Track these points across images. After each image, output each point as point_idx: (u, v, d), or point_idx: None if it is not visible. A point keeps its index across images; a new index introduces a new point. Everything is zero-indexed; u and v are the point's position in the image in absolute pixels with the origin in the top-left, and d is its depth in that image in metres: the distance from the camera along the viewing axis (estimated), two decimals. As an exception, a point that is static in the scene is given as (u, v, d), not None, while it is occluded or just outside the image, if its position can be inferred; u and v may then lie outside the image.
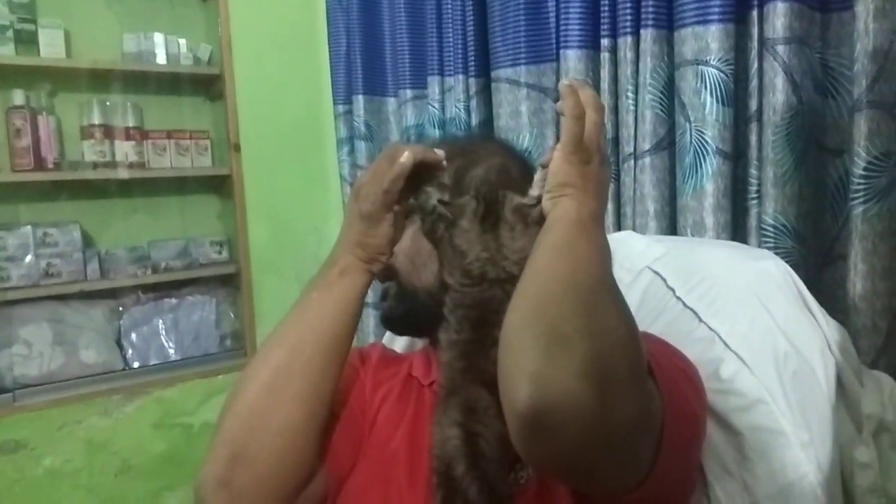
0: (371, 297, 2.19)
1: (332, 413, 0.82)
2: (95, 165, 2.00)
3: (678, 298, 0.98)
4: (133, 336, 2.10)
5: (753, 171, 1.15)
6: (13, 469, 1.85)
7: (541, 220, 0.72)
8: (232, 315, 2.28)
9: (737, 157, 1.18)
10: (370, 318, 2.21)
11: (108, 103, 2.05)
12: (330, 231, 2.36)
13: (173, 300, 2.18)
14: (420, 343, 1.18)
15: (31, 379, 1.92)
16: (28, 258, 1.91)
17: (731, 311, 0.93)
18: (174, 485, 2.08)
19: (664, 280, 1.01)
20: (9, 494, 1.84)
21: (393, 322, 0.94)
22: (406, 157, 0.75)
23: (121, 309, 2.11)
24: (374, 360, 0.94)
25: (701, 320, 0.94)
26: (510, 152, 0.94)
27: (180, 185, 2.24)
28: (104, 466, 1.98)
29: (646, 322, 1.00)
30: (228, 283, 2.27)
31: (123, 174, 2.04)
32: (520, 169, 0.90)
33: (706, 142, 1.15)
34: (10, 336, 1.91)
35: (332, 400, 0.79)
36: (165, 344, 2.14)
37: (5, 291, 1.89)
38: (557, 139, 0.79)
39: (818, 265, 1.13)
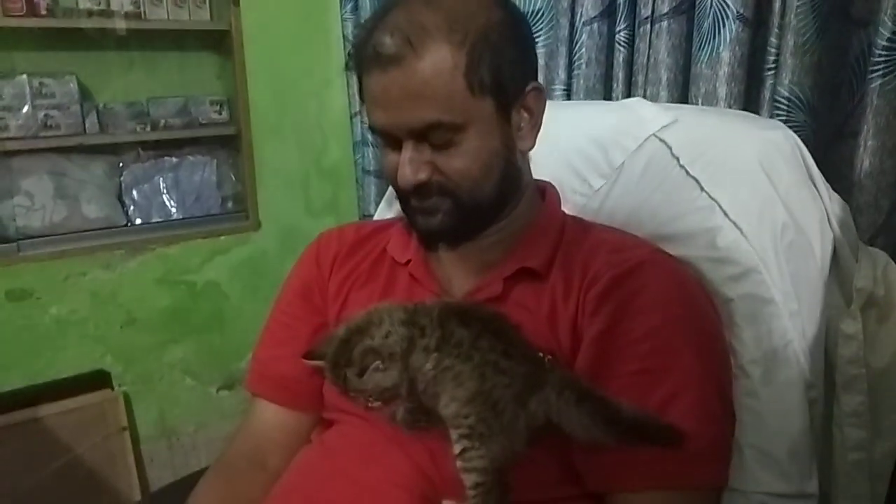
0: (373, 164, 2.17)
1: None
2: (90, 13, 1.92)
3: (682, 167, 0.96)
4: (134, 193, 2.10)
5: (773, 40, 1.10)
6: (21, 316, 1.90)
7: None
8: (233, 177, 2.27)
9: (757, 24, 1.13)
10: (371, 187, 2.20)
11: (100, -53, 1.94)
12: (332, 96, 2.30)
13: (173, 159, 2.16)
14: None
15: (35, 230, 1.93)
16: (25, 109, 1.88)
17: (734, 180, 0.92)
18: (178, 338, 2.14)
19: (669, 148, 0.99)
20: (18, 340, 1.91)
21: (444, 237, 0.87)
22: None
23: (121, 165, 2.09)
24: (335, 255, 0.98)
25: (703, 189, 0.93)
26: None
27: (179, 41, 2.16)
28: (110, 318, 2.03)
29: (647, 191, 0.99)
30: (229, 144, 2.24)
31: (119, 24, 1.96)
32: None
33: (727, 5, 1.10)
34: (11, 187, 1.91)
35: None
36: (167, 202, 2.14)
37: (4, 142, 1.87)
38: None
39: (828, 141, 1.11)
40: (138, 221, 2.10)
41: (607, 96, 1.39)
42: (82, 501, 1.91)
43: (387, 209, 1.32)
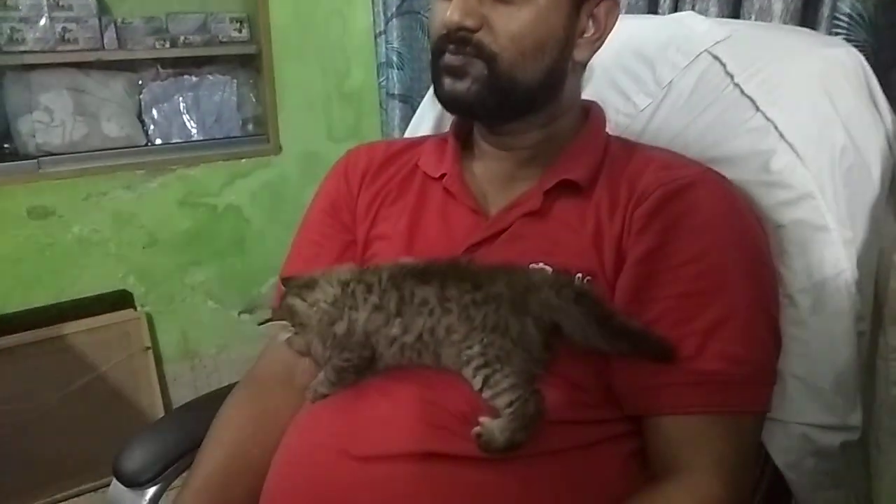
0: (397, 87, 2.11)
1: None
2: (107, -79, 1.85)
3: (736, 85, 0.91)
4: (154, 112, 2.06)
5: (836, -48, 1.03)
6: (44, 234, 1.90)
7: None
8: (253, 99, 2.21)
9: (819, -66, 1.05)
10: (396, 112, 2.15)
11: None
12: (355, 15, 2.22)
13: (193, 78, 2.11)
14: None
15: (55, 147, 1.91)
16: (42, 21, 1.82)
17: (792, 99, 0.87)
18: (200, 261, 2.13)
19: (723, 65, 0.93)
20: (41, 258, 1.90)
21: (467, 107, 0.82)
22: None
23: (140, 83, 2.05)
24: (365, 171, 0.94)
25: (758, 109, 0.88)
26: None
27: (198, -46, 2.08)
28: (131, 238, 2.02)
29: (696, 110, 0.94)
30: (249, 64, 2.18)
31: (137, -67, 1.89)
32: None
33: (789, -90, 1.01)
34: (30, 101, 1.87)
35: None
36: (187, 123, 2.10)
37: (22, 54, 1.82)
38: None
39: (890, 63, 1.04)
40: (158, 142, 2.07)
41: (653, 11, 1.32)
42: (107, 418, 1.93)
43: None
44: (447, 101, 0.82)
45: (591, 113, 0.89)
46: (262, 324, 0.76)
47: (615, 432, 0.75)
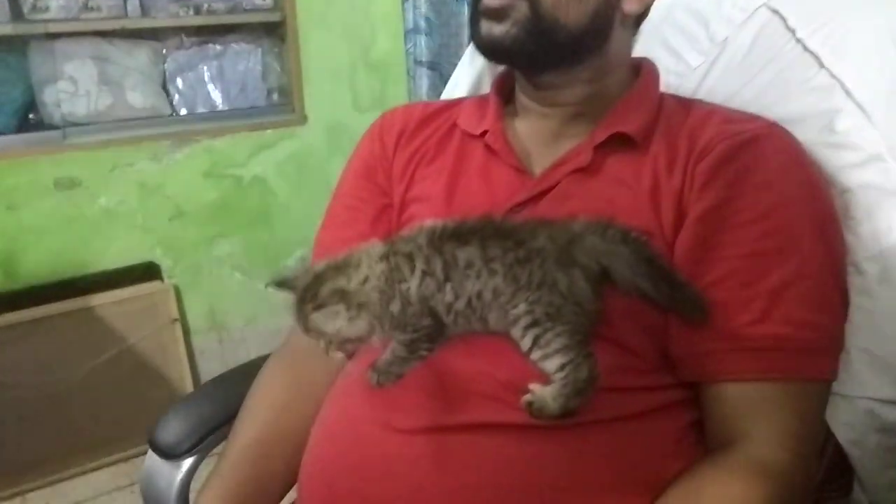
0: (425, 54, 2.06)
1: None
2: None
3: (798, 41, 0.85)
4: (178, 81, 2.03)
5: None
6: (70, 206, 1.88)
7: None
8: (278, 68, 2.18)
9: None
10: (424, 80, 2.10)
11: None
12: (381, -16, 2.17)
13: (217, 46, 2.07)
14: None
15: (80, 118, 1.89)
16: (65, -12, 1.79)
17: (861, 55, 0.82)
18: (226, 233, 2.12)
19: (784, 20, 0.88)
20: (68, 229, 1.90)
21: (504, 53, 0.78)
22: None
23: (164, 52, 2.01)
24: (400, 132, 0.90)
25: (822, 66, 0.83)
26: None
27: (221, -81, 2.03)
28: (158, 210, 2.01)
29: (754, 68, 0.89)
30: (273, 32, 2.14)
31: None
32: None
33: None
34: (54, 71, 1.85)
35: None
36: (212, 93, 2.07)
37: (45, 23, 1.79)
38: None
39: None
40: (183, 112, 2.04)
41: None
42: (136, 390, 1.94)
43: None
44: (485, 45, 0.78)
45: (643, 69, 0.84)
46: (316, 310, 0.67)
47: (670, 400, 0.71)
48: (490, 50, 0.79)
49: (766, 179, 0.71)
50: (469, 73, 1.14)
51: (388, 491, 0.67)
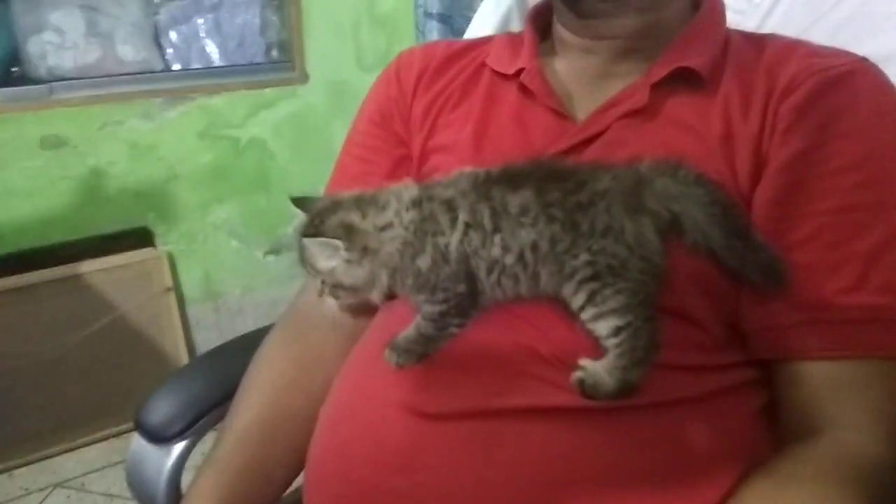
0: (437, 5, 1.93)
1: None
2: None
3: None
4: (172, 35, 1.91)
5: None
6: (58, 165, 1.78)
7: None
8: (278, 22, 2.05)
9: None
10: (434, 34, 1.98)
11: None
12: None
13: (213, -2, 1.95)
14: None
15: (67, 71, 1.78)
16: (49, -70, 1.66)
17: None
18: (223, 198, 2.02)
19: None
20: (55, 191, 1.79)
21: None
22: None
23: (157, 2, 1.89)
24: (420, 73, 0.79)
25: None
26: None
27: None
28: (150, 172, 1.90)
29: (828, 2, 0.78)
30: (273, -16, 2.01)
31: None
32: None
33: None
34: (39, 21, 1.73)
35: None
36: (207, 47, 1.95)
37: (27, -32, 1.67)
38: None
39: None
40: (176, 67, 1.93)
41: None
42: (128, 360, 1.86)
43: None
44: None
45: (705, 0, 0.72)
46: (311, 236, 0.59)
47: (739, 381, 0.62)
48: None
49: (861, 122, 0.60)
50: (495, 12, 1.02)
51: (416, 486, 0.57)
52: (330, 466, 0.64)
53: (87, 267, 1.79)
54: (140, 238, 1.90)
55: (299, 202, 0.64)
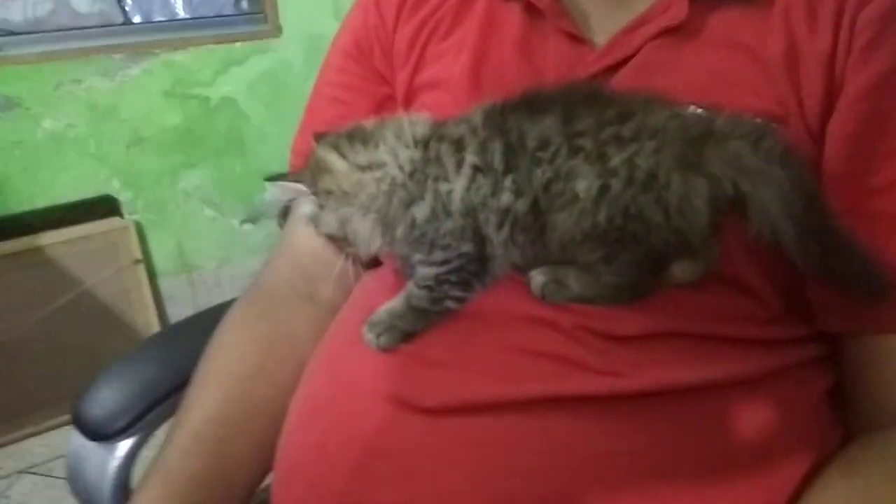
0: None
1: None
2: None
3: None
4: (132, -16, 1.77)
5: None
6: (10, 130, 1.66)
7: None
8: (248, -29, 1.91)
9: None
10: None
11: None
12: None
13: (177, -57, 1.80)
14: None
15: (16, 25, 1.68)
16: None
17: None
18: (194, 162, 1.91)
19: None
20: (9, 158, 1.67)
21: None
22: None
23: (113, -53, 1.75)
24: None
25: None
26: None
27: None
28: (113, 135, 1.78)
29: None
30: (243, -72, 1.87)
31: None
32: None
33: None
34: (-21, -33, 1.58)
35: None
36: (171, -2, 1.81)
37: None
38: None
39: None
40: (137, 20, 1.83)
41: None
42: (96, 339, 1.75)
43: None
44: None
45: None
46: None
47: (801, 359, 0.52)
48: None
49: None
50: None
51: (410, 499, 0.46)
52: (303, 470, 0.52)
53: (48, 239, 1.69)
54: (104, 207, 1.79)
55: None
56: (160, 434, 0.64)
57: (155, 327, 1.84)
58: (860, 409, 0.51)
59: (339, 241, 0.53)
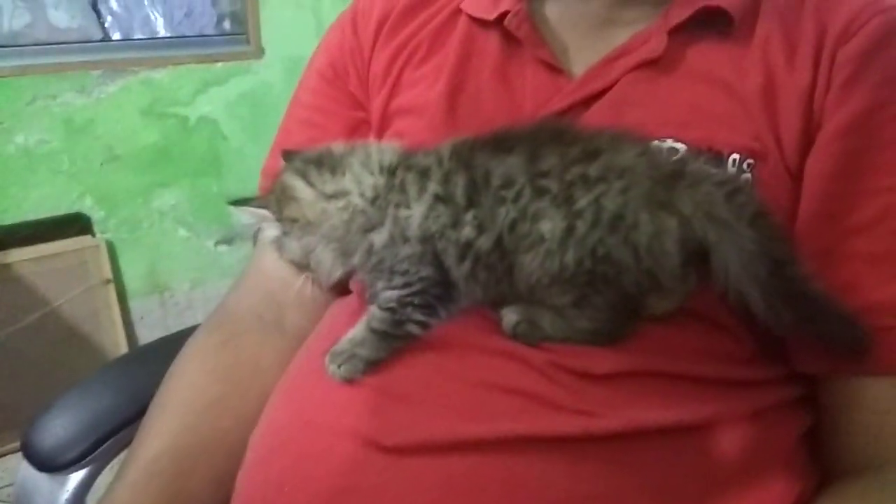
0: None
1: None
2: None
3: None
4: (111, 1, 1.75)
5: None
6: (-19, 144, 1.61)
7: None
8: (231, -9, 1.90)
9: None
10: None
11: None
12: None
13: (159, -39, 1.79)
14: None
15: (-10, 39, 1.62)
16: None
17: None
18: (169, 182, 1.88)
19: None
20: (-22, 172, 1.62)
21: None
22: None
23: (94, -37, 1.73)
24: (381, 19, 0.66)
25: None
26: None
27: None
28: (87, 153, 1.75)
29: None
30: (226, -52, 1.86)
31: None
32: None
33: None
34: (-44, -21, 1.55)
35: None
36: (152, 16, 1.81)
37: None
38: None
39: None
40: (116, 37, 1.78)
41: None
42: (63, 360, 1.71)
43: None
44: None
45: None
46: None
47: (779, 400, 0.50)
48: None
49: None
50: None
51: None
52: None
53: (16, 256, 1.65)
54: (75, 225, 1.76)
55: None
56: (117, 463, 0.61)
57: (123, 349, 1.80)
58: (840, 451, 0.49)
59: (303, 268, 0.51)
